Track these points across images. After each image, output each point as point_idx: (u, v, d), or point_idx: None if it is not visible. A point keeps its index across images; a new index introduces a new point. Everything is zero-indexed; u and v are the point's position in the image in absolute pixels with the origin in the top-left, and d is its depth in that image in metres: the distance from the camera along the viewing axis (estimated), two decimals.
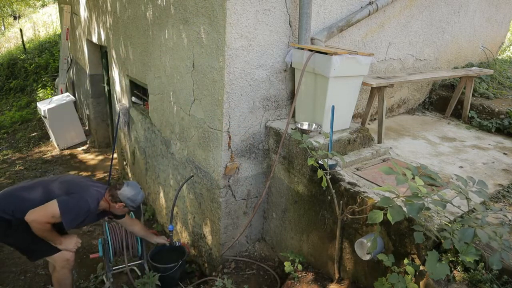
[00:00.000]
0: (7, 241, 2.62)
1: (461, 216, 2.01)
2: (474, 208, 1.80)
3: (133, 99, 4.61)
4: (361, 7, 3.08)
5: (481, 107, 4.07)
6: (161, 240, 3.15)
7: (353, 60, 2.52)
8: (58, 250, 2.66)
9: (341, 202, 2.28)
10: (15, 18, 20.89)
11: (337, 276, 2.40)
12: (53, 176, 2.73)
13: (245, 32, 2.47)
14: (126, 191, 2.65)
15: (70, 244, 2.68)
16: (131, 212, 3.28)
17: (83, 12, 6.19)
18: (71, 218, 2.42)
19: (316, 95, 2.64)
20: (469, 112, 4.11)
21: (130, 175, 5.26)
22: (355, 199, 2.19)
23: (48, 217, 2.39)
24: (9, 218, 2.45)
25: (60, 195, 2.48)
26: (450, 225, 1.82)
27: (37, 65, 11.10)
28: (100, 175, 5.84)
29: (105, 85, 6.34)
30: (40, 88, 10.13)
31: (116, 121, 5.03)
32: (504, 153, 3.29)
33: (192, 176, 3.24)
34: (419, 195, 1.66)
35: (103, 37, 5.22)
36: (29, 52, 12.36)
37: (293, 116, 2.93)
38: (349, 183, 2.31)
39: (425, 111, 4.49)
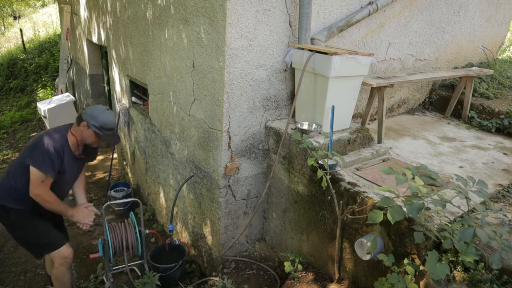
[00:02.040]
0: (15, 234, 2.65)
1: (461, 216, 2.01)
2: (474, 208, 1.80)
3: (133, 99, 4.62)
4: (361, 7, 3.08)
5: (481, 107, 4.07)
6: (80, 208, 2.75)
7: (353, 60, 2.52)
8: (59, 246, 2.65)
9: (341, 202, 2.29)
10: (15, 18, 20.88)
11: (337, 276, 2.40)
12: None
13: (245, 32, 2.47)
14: (88, 110, 2.51)
15: (82, 215, 2.64)
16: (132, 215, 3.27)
17: (83, 12, 6.19)
18: (47, 165, 2.38)
19: (316, 95, 2.64)
20: (469, 112, 4.11)
21: (130, 175, 5.26)
22: (355, 199, 2.19)
23: (39, 182, 2.38)
24: (8, 205, 2.48)
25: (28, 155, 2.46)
26: (450, 225, 1.82)
27: (37, 65, 11.10)
28: (100, 175, 5.84)
29: (105, 85, 6.34)
30: (40, 88, 10.13)
31: (116, 121, 5.04)
32: (504, 153, 3.29)
33: (192, 176, 3.24)
34: (419, 195, 1.66)
35: (103, 37, 5.22)
36: (29, 52, 12.36)
37: (293, 116, 2.93)
38: (349, 183, 2.31)
39: (425, 111, 4.49)
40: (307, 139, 2.30)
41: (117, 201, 3.27)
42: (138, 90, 4.57)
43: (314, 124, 2.70)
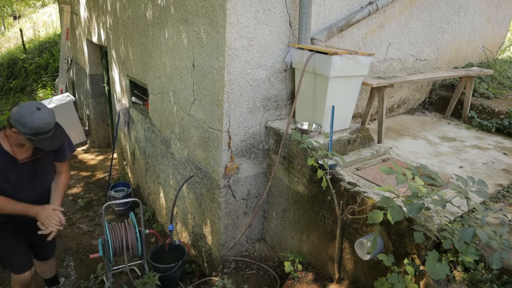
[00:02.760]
0: None
1: (461, 216, 2.01)
2: (474, 208, 1.80)
3: (133, 99, 4.62)
4: (361, 7, 3.08)
5: (481, 107, 4.07)
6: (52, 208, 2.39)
7: (353, 60, 2.52)
8: (16, 271, 2.48)
9: (341, 202, 2.29)
10: (15, 18, 20.88)
11: (337, 276, 2.40)
12: None
13: (245, 32, 2.47)
14: (14, 114, 2.04)
15: (46, 215, 2.27)
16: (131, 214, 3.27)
17: (83, 12, 6.19)
18: None
19: (316, 95, 2.64)
20: (469, 112, 4.11)
21: (130, 175, 5.26)
22: (355, 199, 2.19)
23: None
24: None
25: None
26: (450, 225, 1.82)
27: (37, 65, 11.10)
28: (100, 175, 5.84)
29: (105, 85, 6.34)
30: (40, 88, 10.13)
31: (116, 121, 5.04)
32: (504, 153, 3.29)
33: (192, 176, 3.24)
34: (419, 195, 1.66)
35: (103, 37, 5.22)
36: (29, 52, 12.36)
37: (293, 116, 2.93)
38: (349, 183, 2.31)
39: (425, 111, 4.49)
40: (307, 139, 2.30)
41: (117, 201, 3.27)
42: (138, 90, 4.57)
43: (314, 124, 2.70)
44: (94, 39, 5.71)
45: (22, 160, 2.28)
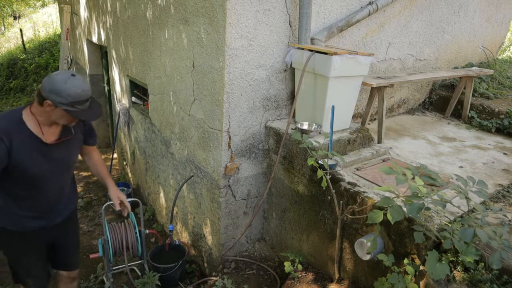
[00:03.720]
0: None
1: (461, 216, 2.01)
2: (474, 208, 1.80)
3: (133, 99, 4.62)
4: (361, 7, 3.08)
5: (481, 107, 4.07)
6: (116, 199, 2.39)
7: (353, 60, 2.52)
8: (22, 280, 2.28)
9: (341, 202, 2.29)
10: (15, 18, 20.89)
11: (337, 276, 2.40)
12: None
13: (245, 32, 2.47)
14: (46, 84, 1.80)
15: None
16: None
17: (83, 12, 6.19)
18: None
19: (316, 95, 2.64)
20: (469, 112, 4.11)
21: (130, 175, 5.26)
22: (355, 199, 2.19)
23: None
24: None
25: None
26: (450, 225, 1.82)
27: (37, 65, 11.10)
28: None
29: (105, 85, 6.34)
30: None
31: (116, 121, 5.04)
32: (504, 153, 3.29)
33: (192, 176, 3.24)
34: (419, 195, 1.66)
35: (103, 37, 5.22)
36: (29, 52, 12.36)
37: (293, 116, 2.93)
38: (349, 183, 2.31)
39: (425, 111, 4.49)
40: (307, 139, 2.30)
41: None
42: (138, 90, 4.57)
43: (314, 124, 2.70)
44: (94, 39, 5.71)
45: (51, 142, 1.99)
